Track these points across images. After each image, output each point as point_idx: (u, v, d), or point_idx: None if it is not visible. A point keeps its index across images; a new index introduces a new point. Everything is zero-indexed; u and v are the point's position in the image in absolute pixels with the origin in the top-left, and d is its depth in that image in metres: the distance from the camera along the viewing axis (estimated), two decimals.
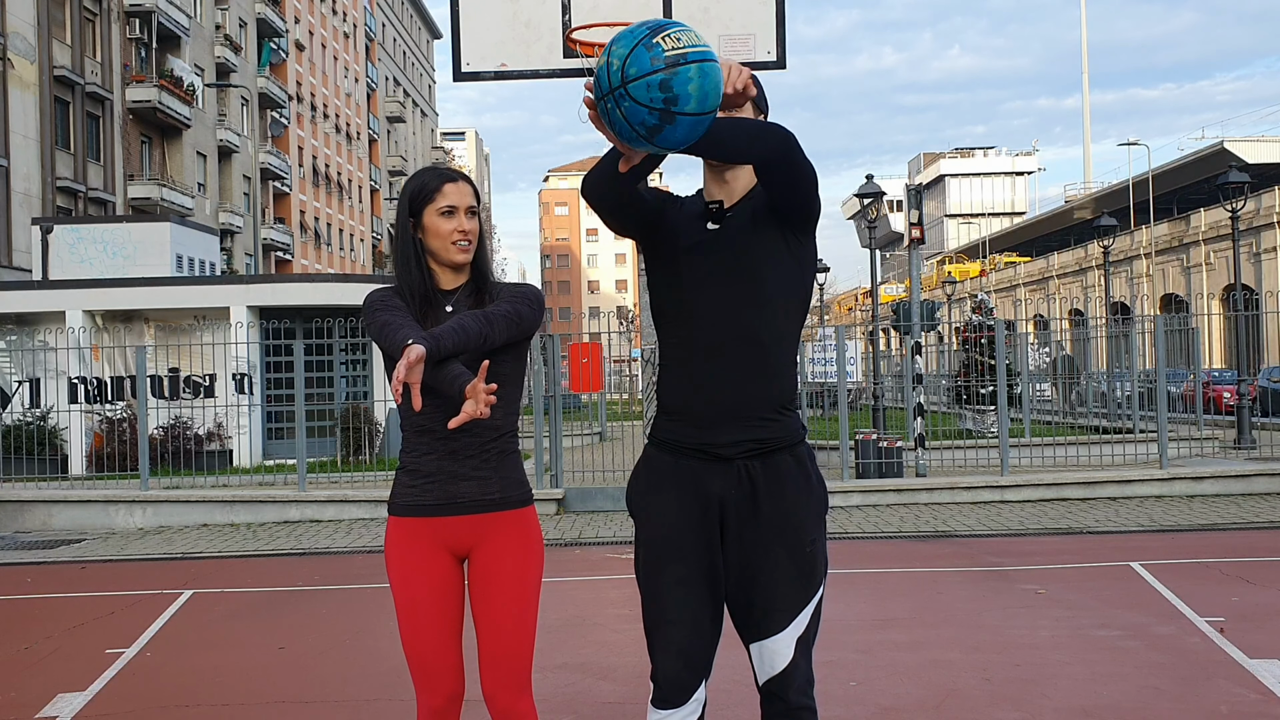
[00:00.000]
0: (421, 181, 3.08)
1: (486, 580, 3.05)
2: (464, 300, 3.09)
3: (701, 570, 2.88)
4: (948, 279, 51.35)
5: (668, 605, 2.90)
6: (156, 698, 5.63)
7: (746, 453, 2.84)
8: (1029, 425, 18.48)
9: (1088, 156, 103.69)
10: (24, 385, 18.55)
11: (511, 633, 3.04)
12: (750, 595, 2.87)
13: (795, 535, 2.86)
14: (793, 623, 2.86)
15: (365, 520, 12.76)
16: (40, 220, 23.17)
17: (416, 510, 3.07)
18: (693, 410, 2.86)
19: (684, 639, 2.88)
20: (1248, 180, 21.16)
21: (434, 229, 3.03)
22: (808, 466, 2.91)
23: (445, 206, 3.03)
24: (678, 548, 2.88)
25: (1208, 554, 9.09)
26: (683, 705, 2.89)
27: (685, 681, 2.89)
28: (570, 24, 8.27)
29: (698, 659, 2.90)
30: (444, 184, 3.05)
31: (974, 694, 5.28)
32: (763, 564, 2.85)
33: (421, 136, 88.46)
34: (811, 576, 2.88)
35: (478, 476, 3.04)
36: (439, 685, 3.07)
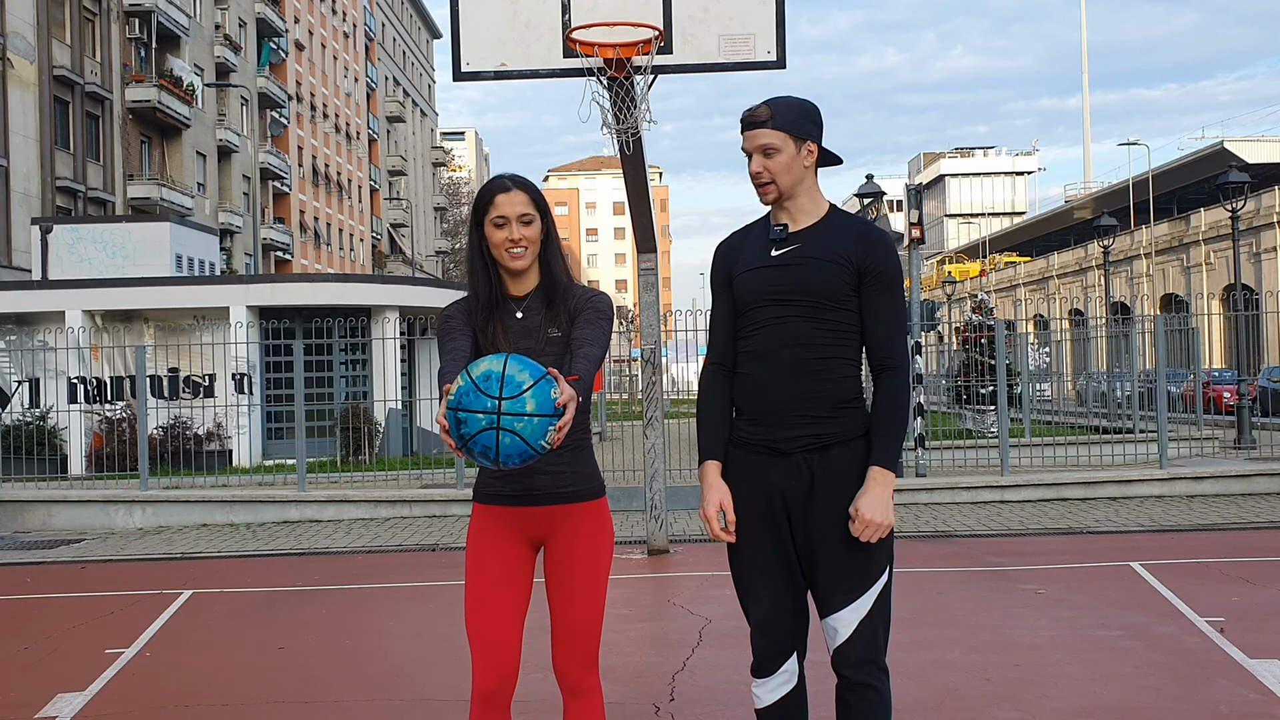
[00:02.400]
0: (480, 192, 3.24)
1: (562, 565, 3.25)
2: (535, 306, 3.25)
3: (774, 554, 3.19)
4: (948, 279, 51.31)
5: (748, 586, 3.24)
6: (156, 698, 5.63)
7: (804, 448, 3.13)
8: (1029, 425, 18.48)
9: (1088, 156, 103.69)
10: (24, 385, 18.55)
11: (584, 612, 3.24)
12: (815, 577, 3.16)
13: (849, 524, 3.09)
14: (853, 604, 3.10)
15: (365, 520, 12.76)
16: (40, 220, 23.18)
17: (497, 499, 3.25)
18: (757, 411, 3.18)
19: (764, 615, 3.20)
20: (1248, 180, 21.16)
21: (490, 238, 3.20)
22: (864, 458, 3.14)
23: (497, 217, 3.18)
24: (750, 534, 3.20)
25: (1208, 554, 9.08)
26: (771, 675, 3.21)
27: (771, 653, 3.20)
28: (570, 24, 8.26)
29: (780, 634, 3.20)
30: (496, 195, 3.19)
31: (974, 694, 5.28)
32: (822, 549, 3.12)
33: (421, 136, 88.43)
34: (870, 563, 3.12)
35: (553, 471, 3.20)
36: (496, 664, 3.17)
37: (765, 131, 3.13)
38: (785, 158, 3.14)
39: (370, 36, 74.91)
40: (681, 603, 7.65)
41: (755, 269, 3.20)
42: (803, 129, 3.15)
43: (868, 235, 3.16)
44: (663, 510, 10.00)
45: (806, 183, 3.20)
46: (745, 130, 3.18)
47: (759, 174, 3.17)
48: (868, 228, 3.18)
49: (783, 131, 3.13)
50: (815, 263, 3.13)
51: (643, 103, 8.38)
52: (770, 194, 3.19)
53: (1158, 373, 14.44)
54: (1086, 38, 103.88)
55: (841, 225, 3.19)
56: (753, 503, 3.19)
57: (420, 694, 5.63)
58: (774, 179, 3.16)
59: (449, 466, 15.84)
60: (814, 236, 3.18)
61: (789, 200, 3.20)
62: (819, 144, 3.20)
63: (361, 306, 19.55)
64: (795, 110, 3.16)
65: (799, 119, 3.15)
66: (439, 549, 10.69)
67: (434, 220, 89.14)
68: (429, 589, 8.73)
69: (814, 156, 3.19)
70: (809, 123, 3.16)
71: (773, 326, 3.15)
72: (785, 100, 3.19)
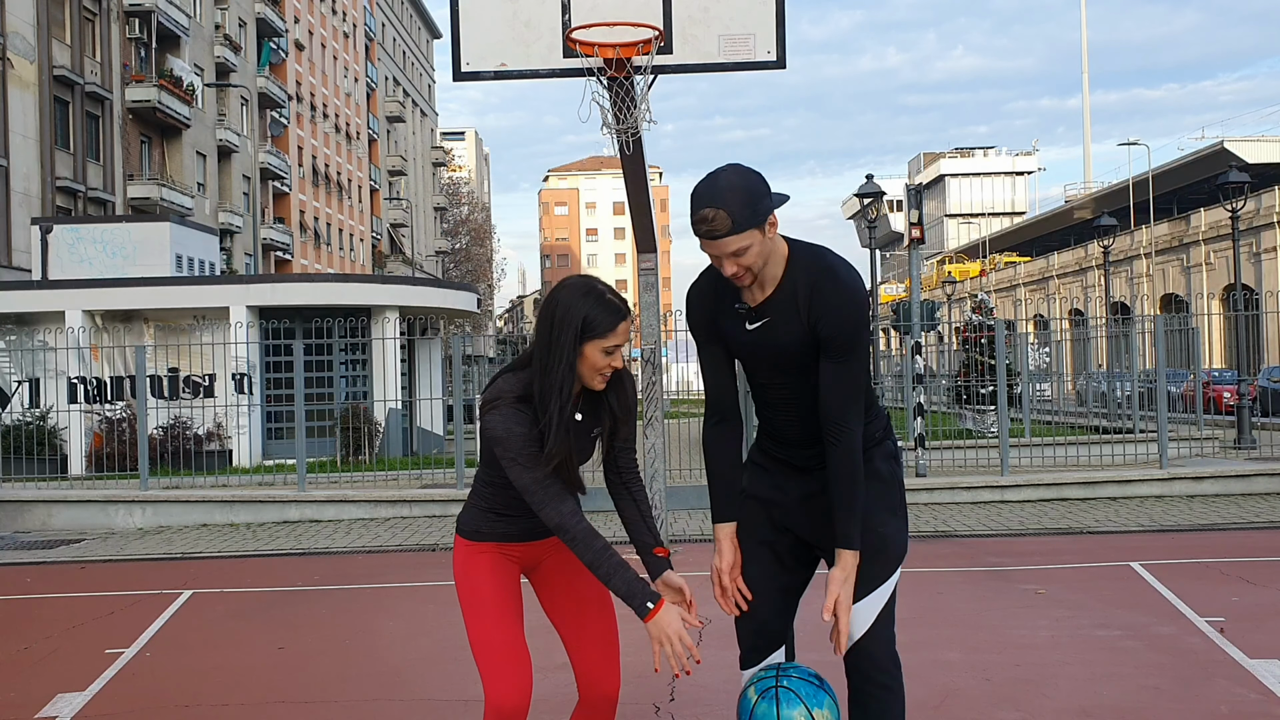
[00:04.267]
0: (596, 317, 3.04)
1: (566, 586, 3.30)
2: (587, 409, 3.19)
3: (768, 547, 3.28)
4: (948, 279, 51.34)
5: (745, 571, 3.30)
6: (156, 698, 5.63)
7: (821, 465, 3.17)
8: (1029, 425, 18.48)
9: (1088, 156, 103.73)
10: (24, 385, 18.55)
11: (609, 624, 3.32)
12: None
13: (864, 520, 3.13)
14: (868, 596, 3.14)
15: (365, 520, 12.76)
16: (40, 220, 23.17)
17: (503, 538, 3.26)
18: (773, 435, 3.28)
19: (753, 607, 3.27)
20: (1248, 180, 21.16)
21: (591, 359, 3.05)
22: (876, 463, 3.22)
23: (611, 345, 3.06)
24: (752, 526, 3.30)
25: (1208, 554, 9.08)
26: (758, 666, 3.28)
27: (755, 642, 3.29)
28: (570, 24, 8.26)
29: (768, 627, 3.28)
30: (618, 324, 3.06)
31: (974, 694, 5.28)
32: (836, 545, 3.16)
33: (421, 136, 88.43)
34: (883, 556, 3.17)
35: None
36: (516, 683, 3.14)
37: (730, 240, 2.92)
38: (756, 248, 2.96)
39: (370, 36, 74.90)
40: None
41: (739, 341, 3.16)
42: (761, 213, 2.93)
43: (817, 293, 3.01)
44: (663, 510, 10.00)
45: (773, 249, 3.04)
46: (706, 240, 2.95)
47: (736, 275, 3.00)
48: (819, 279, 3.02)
49: (747, 229, 2.92)
50: (787, 340, 3.07)
51: (643, 103, 8.38)
52: (747, 281, 3.04)
53: (1158, 373, 14.44)
54: (1087, 38, 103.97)
55: (799, 281, 3.04)
56: (759, 495, 3.28)
57: (420, 694, 5.63)
58: (749, 270, 3.00)
59: (449, 466, 15.84)
60: (777, 305, 3.07)
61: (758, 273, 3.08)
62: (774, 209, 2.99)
63: (361, 306, 19.55)
64: (746, 199, 2.92)
65: (753, 206, 2.92)
66: (439, 549, 10.69)
67: (434, 220, 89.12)
68: (429, 589, 8.73)
69: (775, 225, 3.01)
70: (762, 199, 2.94)
71: (775, 389, 3.19)
72: (731, 192, 2.91)
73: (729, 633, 3.17)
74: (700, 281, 3.25)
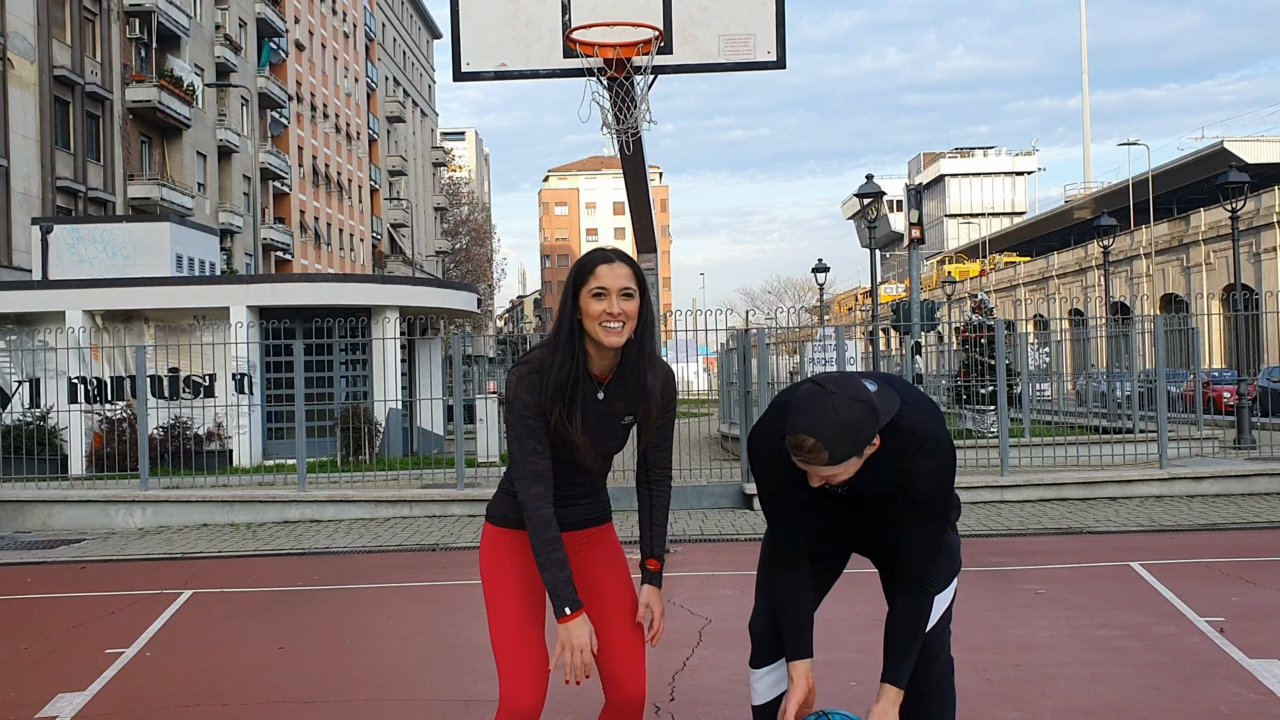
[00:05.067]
0: (581, 262, 3.11)
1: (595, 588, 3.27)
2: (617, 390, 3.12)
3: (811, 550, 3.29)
4: (947, 279, 51.37)
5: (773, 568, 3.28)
6: (156, 698, 5.63)
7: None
8: (1029, 425, 18.48)
9: (1088, 156, 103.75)
10: (24, 385, 18.56)
11: (635, 627, 3.27)
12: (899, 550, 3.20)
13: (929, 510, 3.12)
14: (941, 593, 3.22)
15: (365, 520, 12.77)
16: (40, 220, 23.16)
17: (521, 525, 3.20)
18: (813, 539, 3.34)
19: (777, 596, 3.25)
20: (1248, 180, 21.17)
21: (586, 309, 3.05)
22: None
23: (597, 288, 3.03)
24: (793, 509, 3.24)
25: (1208, 554, 9.09)
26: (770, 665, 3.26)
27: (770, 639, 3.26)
28: (570, 24, 8.26)
29: None
30: (598, 265, 3.06)
31: (974, 694, 5.28)
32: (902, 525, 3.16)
33: (421, 136, 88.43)
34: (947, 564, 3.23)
35: (584, 503, 3.29)
36: (533, 683, 3.14)
37: (829, 469, 2.91)
38: (852, 465, 2.93)
39: (370, 36, 74.90)
40: (681, 603, 7.65)
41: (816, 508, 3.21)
42: (861, 444, 2.90)
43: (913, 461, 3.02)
44: None
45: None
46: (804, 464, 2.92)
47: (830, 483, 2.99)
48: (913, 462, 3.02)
49: (845, 460, 2.90)
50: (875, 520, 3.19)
51: (643, 103, 8.38)
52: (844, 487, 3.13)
53: (1158, 373, 14.44)
54: (1087, 38, 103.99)
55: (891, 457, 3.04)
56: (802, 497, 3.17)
57: (420, 694, 5.63)
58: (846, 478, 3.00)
59: (449, 466, 15.84)
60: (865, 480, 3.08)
61: None
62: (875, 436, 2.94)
63: (361, 306, 19.55)
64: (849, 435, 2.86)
65: (857, 442, 2.88)
66: (439, 549, 10.69)
67: (434, 220, 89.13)
68: (429, 589, 8.73)
69: (877, 444, 2.98)
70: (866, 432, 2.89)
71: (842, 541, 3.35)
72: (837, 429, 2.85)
73: (729, 633, 3.17)
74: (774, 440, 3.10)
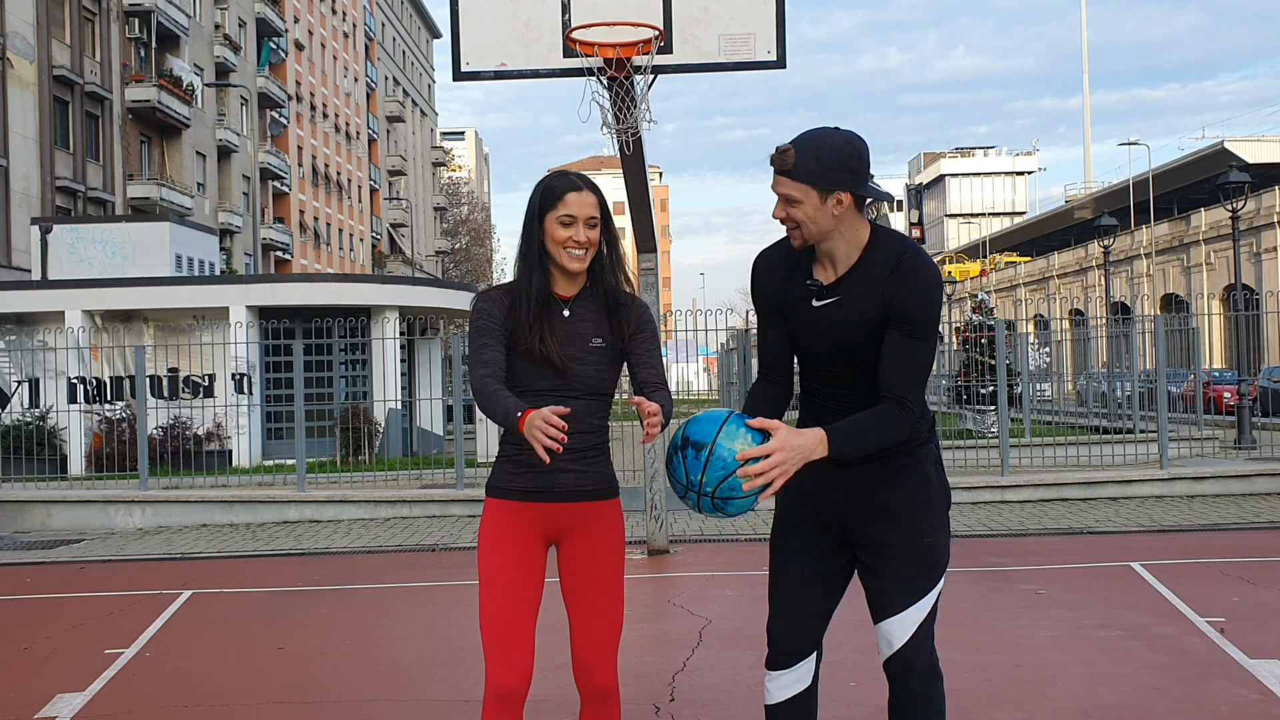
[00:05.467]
0: (548, 185, 3.18)
1: (581, 565, 3.26)
2: (582, 310, 3.22)
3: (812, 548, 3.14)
4: (948, 279, 51.37)
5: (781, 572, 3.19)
6: (156, 698, 5.63)
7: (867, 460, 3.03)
8: (1029, 425, 18.48)
9: (1088, 156, 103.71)
10: (23, 385, 18.56)
11: (609, 611, 3.25)
12: (878, 578, 3.10)
13: (912, 529, 3.06)
14: (912, 607, 3.07)
15: (365, 520, 12.76)
16: (39, 220, 23.17)
17: (519, 495, 3.23)
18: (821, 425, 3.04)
19: (787, 604, 3.16)
20: (1248, 180, 21.17)
21: (551, 234, 3.15)
22: (925, 466, 3.10)
23: (565, 215, 3.13)
24: (795, 525, 3.17)
25: (1208, 554, 9.08)
26: (786, 669, 3.15)
27: (790, 646, 3.15)
28: (570, 24, 8.25)
29: (802, 628, 3.15)
30: (567, 192, 3.15)
31: (974, 694, 5.28)
32: (883, 552, 3.07)
33: (421, 136, 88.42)
34: (931, 568, 3.10)
35: (575, 469, 3.23)
36: (515, 664, 3.14)
37: (784, 181, 2.87)
38: (808, 209, 2.87)
39: (370, 36, 74.90)
40: (681, 603, 7.65)
41: (802, 320, 3.05)
42: (829, 179, 2.83)
43: (900, 270, 2.91)
44: (663, 510, 9.99)
45: (840, 228, 2.92)
46: (773, 169, 2.91)
47: (783, 220, 2.94)
48: (905, 259, 2.92)
49: (804, 184, 2.84)
50: (855, 322, 2.95)
51: (643, 103, 8.37)
52: (797, 240, 2.97)
53: (1158, 373, 14.44)
54: (1087, 38, 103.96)
55: (878, 264, 2.93)
56: (805, 493, 3.11)
57: (420, 694, 5.63)
58: (798, 226, 2.92)
59: (449, 466, 15.83)
60: (850, 287, 2.96)
61: (821, 245, 2.96)
62: (853, 191, 2.87)
63: (361, 306, 19.55)
64: (824, 157, 2.83)
65: (825, 168, 2.82)
66: (439, 549, 10.69)
67: (434, 220, 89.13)
68: (429, 589, 8.73)
69: (845, 205, 2.87)
70: (839, 171, 2.83)
71: (831, 376, 3.07)
72: (816, 143, 2.85)
73: (729, 633, 3.15)
74: (772, 250, 3.13)
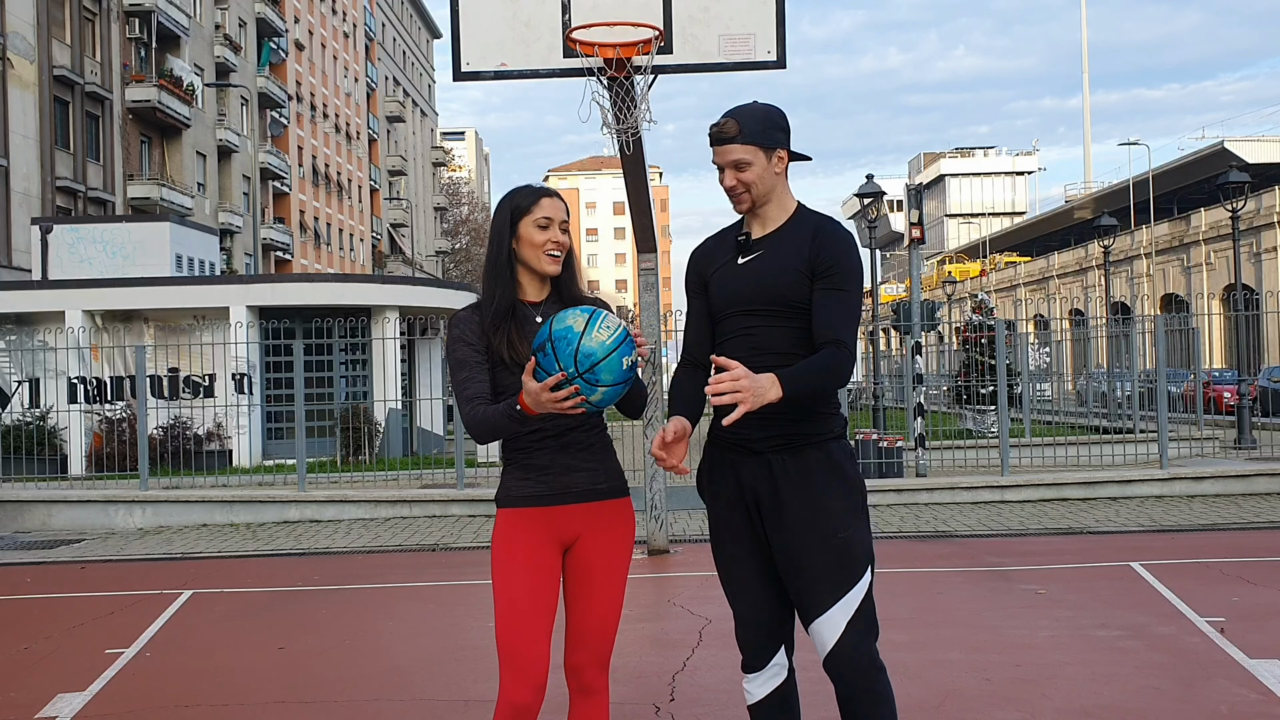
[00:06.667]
0: (521, 196, 3.32)
1: (591, 565, 3.27)
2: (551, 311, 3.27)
3: (752, 549, 3.21)
4: (948, 279, 51.31)
5: (729, 580, 3.27)
6: (156, 698, 5.63)
7: (774, 447, 3.13)
8: (1029, 425, 18.48)
9: (1088, 156, 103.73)
10: (24, 385, 18.56)
11: (607, 615, 3.28)
12: (793, 579, 3.15)
13: (825, 524, 3.10)
14: (835, 605, 3.09)
15: (365, 520, 12.76)
16: (40, 220, 23.17)
17: (533, 501, 3.24)
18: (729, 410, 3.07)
19: (746, 610, 3.24)
20: (1248, 180, 21.17)
21: (529, 238, 3.26)
22: (838, 459, 3.16)
23: (542, 218, 3.26)
24: (730, 529, 3.24)
25: (1208, 554, 9.08)
26: (761, 670, 3.23)
27: (758, 647, 3.23)
28: (570, 24, 8.25)
29: (765, 628, 3.23)
30: (541, 198, 3.29)
31: (974, 694, 5.28)
32: (798, 551, 3.11)
33: (421, 136, 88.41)
34: (848, 564, 3.11)
35: (587, 468, 3.28)
36: (531, 678, 3.15)
37: (735, 147, 3.15)
38: (757, 169, 3.16)
39: (370, 36, 74.89)
40: (681, 603, 7.65)
41: (722, 277, 3.25)
42: (771, 138, 3.17)
43: (822, 230, 3.17)
44: (663, 510, 10.00)
45: (778, 189, 3.22)
46: (714, 145, 3.19)
47: (733, 188, 3.19)
48: (825, 223, 3.20)
49: (752, 145, 3.15)
50: (775, 268, 3.16)
51: (643, 103, 8.37)
52: (744, 204, 3.22)
53: (1158, 373, 14.43)
54: (1087, 38, 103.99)
55: (802, 224, 3.21)
56: (730, 499, 3.22)
57: (420, 694, 5.63)
58: (747, 189, 3.18)
59: (449, 466, 15.84)
60: (776, 241, 3.20)
61: (760, 207, 3.23)
62: (788, 149, 3.22)
63: (361, 306, 19.55)
64: (761, 120, 3.17)
65: (766, 128, 3.17)
66: (439, 549, 10.69)
67: (434, 220, 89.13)
68: (429, 589, 8.73)
69: (784, 163, 3.22)
70: (776, 130, 3.19)
71: (742, 336, 3.19)
72: (750, 111, 3.20)
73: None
74: (705, 241, 3.40)
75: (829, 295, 3.11)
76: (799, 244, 3.16)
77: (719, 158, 3.19)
